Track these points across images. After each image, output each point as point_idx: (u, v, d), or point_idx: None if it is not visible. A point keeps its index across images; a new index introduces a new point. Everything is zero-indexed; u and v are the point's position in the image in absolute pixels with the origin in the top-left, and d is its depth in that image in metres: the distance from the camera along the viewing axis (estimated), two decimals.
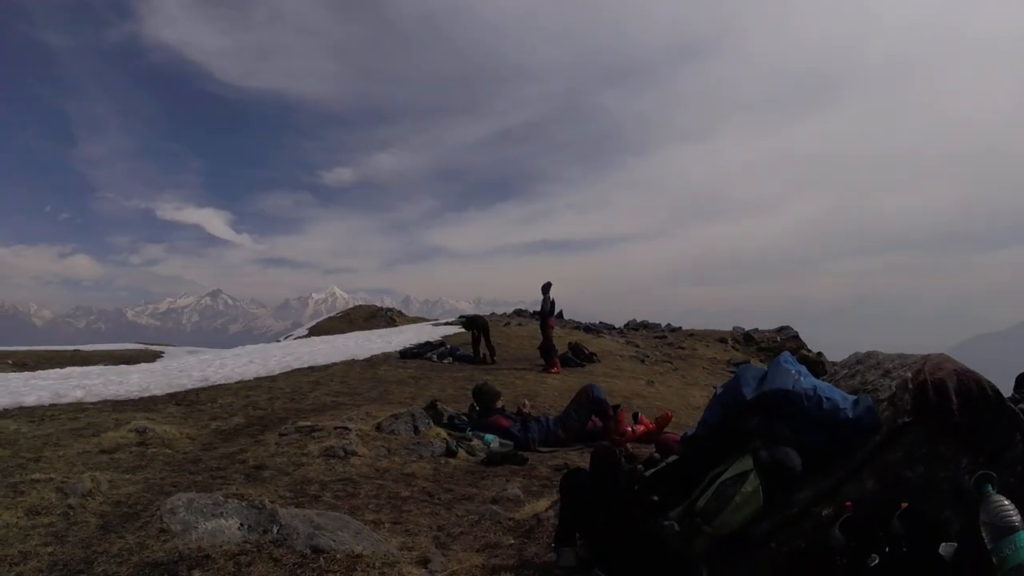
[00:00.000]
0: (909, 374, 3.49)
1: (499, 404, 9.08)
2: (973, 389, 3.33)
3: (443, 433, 8.17)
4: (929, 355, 3.64)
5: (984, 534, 2.75)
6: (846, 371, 4.21)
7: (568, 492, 3.87)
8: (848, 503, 3.15)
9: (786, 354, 3.74)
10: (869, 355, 4.23)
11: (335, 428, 7.66)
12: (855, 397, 3.47)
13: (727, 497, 3.28)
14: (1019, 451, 3.32)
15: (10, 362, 22.54)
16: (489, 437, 7.99)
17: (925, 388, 3.34)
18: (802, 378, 3.48)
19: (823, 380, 4.05)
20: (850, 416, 3.32)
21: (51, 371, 15.45)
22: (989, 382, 3.40)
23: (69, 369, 16.09)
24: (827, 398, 3.37)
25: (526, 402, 9.17)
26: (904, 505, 2.99)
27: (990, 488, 2.81)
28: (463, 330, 24.35)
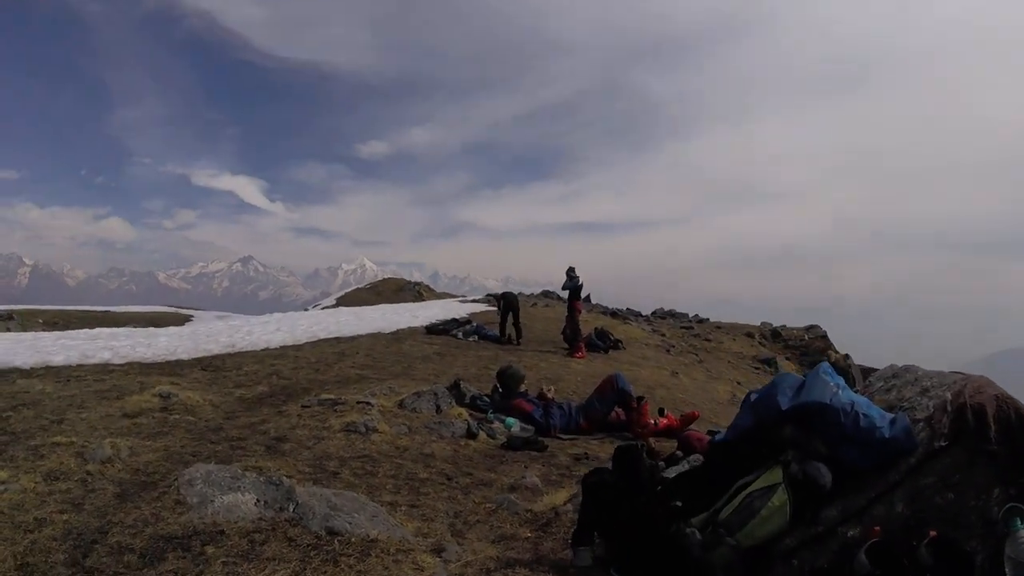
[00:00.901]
0: (949, 395, 3.34)
1: (522, 388, 9.02)
2: (1012, 417, 3.18)
3: (465, 413, 8.13)
4: (970, 376, 3.49)
5: (1007, 569, 2.65)
6: (882, 384, 4.06)
7: (590, 491, 3.79)
8: (877, 528, 3.03)
9: (825, 364, 3.61)
10: (906, 369, 4.07)
11: (357, 403, 7.66)
12: (892, 416, 3.34)
13: (753, 509, 3.19)
14: None
15: (40, 321, 23.02)
16: (510, 421, 7.94)
17: (964, 412, 3.19)
18: (840, 392, 3.35)
19: (858, 392, 3.91)
20: (886, 435, 3.20)
21: (80, 331, 15.71)
22: None
23: (98, 330, 16.34)
24: (864, 415, 3.25)
25: (550, 388, 9.08)
26: (933, 534, 2.87)
27: (1019, 522, 2.71)
28: (490, 307, 24.31)
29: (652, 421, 8.34)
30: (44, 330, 18.76)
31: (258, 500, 3.92)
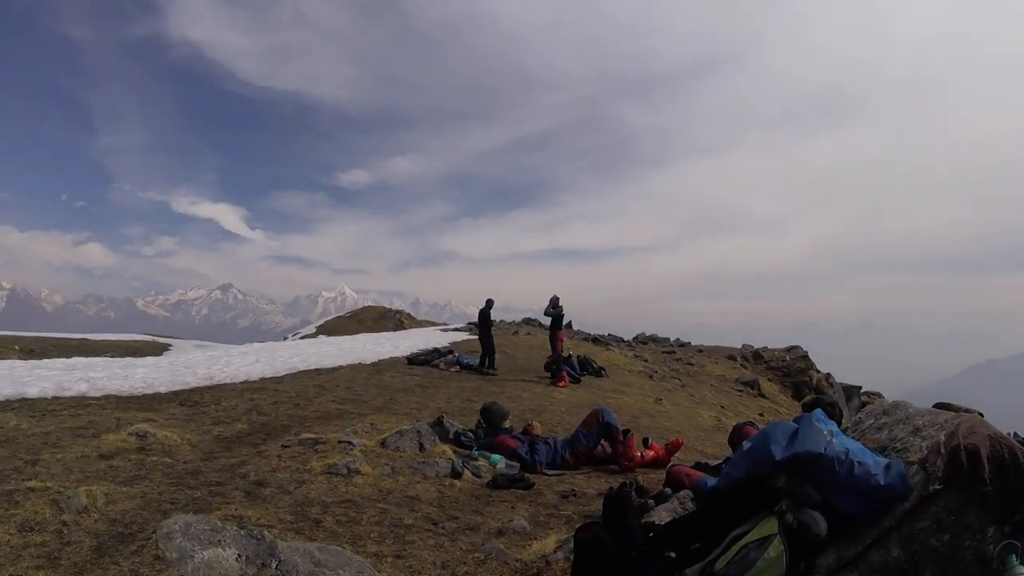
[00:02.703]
0: (942, 436, 3.33)
1: (506, 423, 8.92)
2: (1006, 457, 3.19)
3: (449, 451, 8.01)
4: (962, 416, 3.49)
5: None
6: (872, 421, 4.03)
7: (583, 548, 3.70)
8: None
9: (819, 412, 3.57)
10: (896, 406, 4.06)
11: (339, 442, 7.52)
12: (887, 461, 3.31)
13: (749, 561, 3.13)
14: None
15: (17, 348, 22.55)
16: (496, 458, 7.82)
17: (958, 454, 3.19)
18: (835, 440, 3.32)
19: (847, 430, 3.90)
20: (882, 483, 3.17)
21: (56, 360, 15.41)
22: (1022, 450, 3.24)
23: (75, 360, 16.05)
24: (859, 463, 3.22)
25: (535, 423, 8.98)
26: None
27: (1014, 559, 2.71)
28: (472, 336, 24.20)
29: (639, 453, 8.27)
30: (20, 358, 18.37)
31: (239, 555, 3.78)
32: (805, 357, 30.12)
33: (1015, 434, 3.63)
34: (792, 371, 28.48)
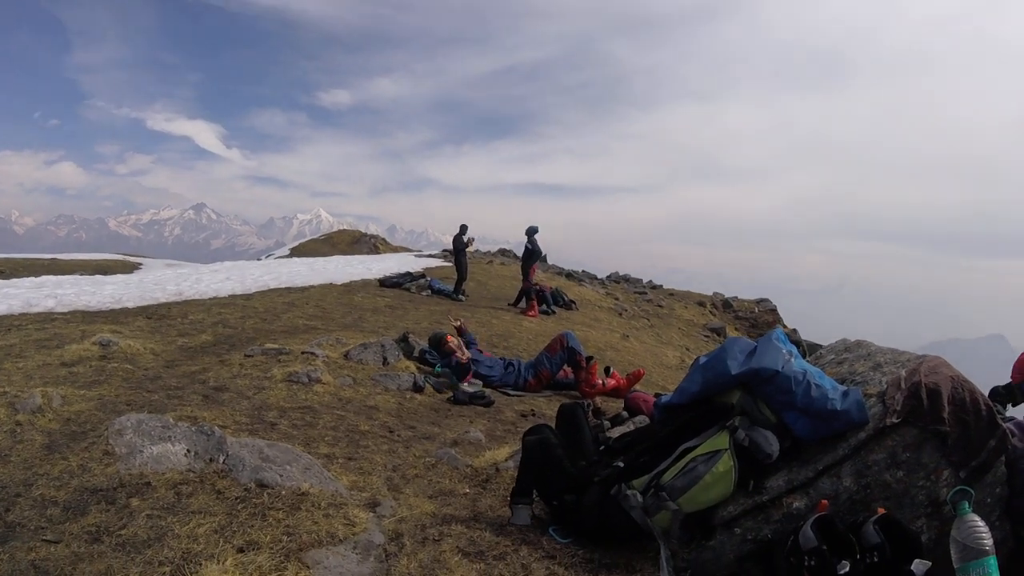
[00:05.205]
0: (903, 372, 3.26)
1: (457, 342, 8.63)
2: (966, 400, 3.13)
3: (412, 366, 8.05)
4: (926, 356, 3.40)
5: (953, 551, 2.64)
6: (833, 356, 3.99)
7: (531, 449, 3.72)
8: (825, 502, 3.00)
9: (779, 331, 3.52)
10: (858, 344, 4.00)
11: (302, 353, 7.52)
12: (845, 388, 3.26)
13: (697, 474, 3.12)
14: (1000, 473, 3.15)
15: None
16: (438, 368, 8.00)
17: (919, 391, 3.11)
18: (793, 360, 3.26)
19: (809, 362, 3.87)
20: (838, 407, 3.10)
21: (25, 279, 15.16)
22: (984, 396, 3.19)
23: (43, 278, 15.80)
24: (816, 385, 3.16)
25: (449, 337, 8.60)
26: (881, 511, 2.84)
27: (966, 506, 2.69)
28: (446, 263, 24.17)
29: (600, 381, 8.37)
30: None
31: (188, 450, 3.78)
32: (774, 311, 30.58)
33: (1013, 418, 3.60)
34: (759, 323, 28.93)
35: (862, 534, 2.76)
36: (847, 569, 2.64)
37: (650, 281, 35.11)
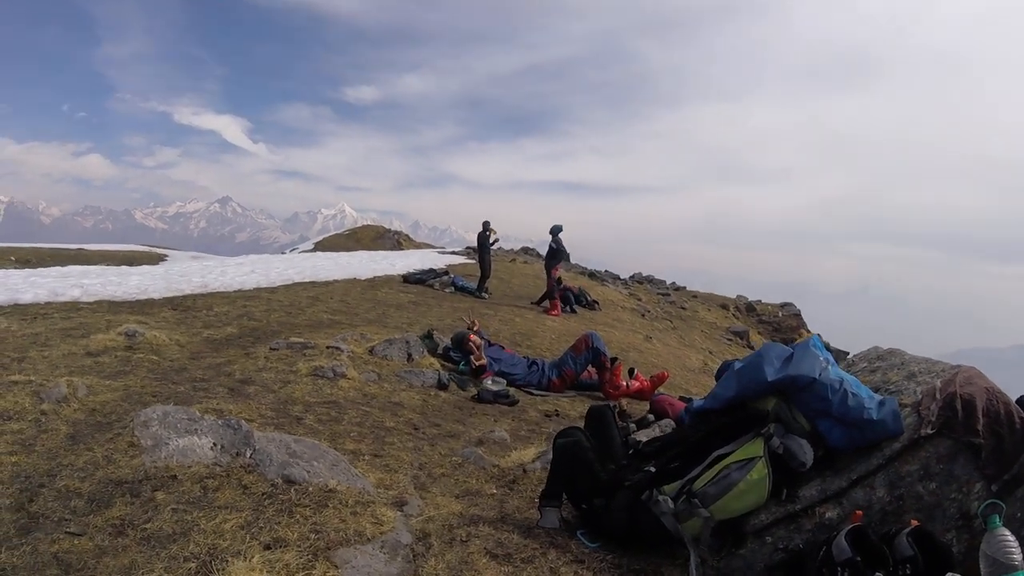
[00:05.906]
0: (938, 383, 3.18)
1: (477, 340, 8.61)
2: (1001, 412, 3.04)
3: (436, 363, 8.01)
4: (960, 366, 3.33)
5: (982, 565, 2.56)
6: (865, 364, 3.92)
7: (561, 451, 3.65)
8: (859, 512, 2.91)
9: (816, 337, 3.43)
10: (892, 352, 3.93)
11: (327, 347, 7.51)
12: (881, 398, 3.16)
13: (731, 481, 3.04)
14: None
15: (13, 259, 22.49)
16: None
17: (954, 402, 3.03)
18: (830, 368, 3.17)
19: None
20: (874, 417, 3.02)
21: (51, 269, 15.34)
22: (1018, 409, 3.10)
23: (69, 268, 15.98)
24: (853, 394, 3.07)
25: (472, 336, 8.57)
26: (915, 523, 2.76)
27: (997, 520, 2.60)
28: (469, 260, 24.17)
29: (624, 383, 8.28)
30: (15, 268, 18.30)
31: (215, 444, 3.76)
32: (798, 315, 30.30)
33: None
34: (783, 327, 28.67)
35: (895, 546, 2.68)
36: None
37: (673, 282, 34.92)
